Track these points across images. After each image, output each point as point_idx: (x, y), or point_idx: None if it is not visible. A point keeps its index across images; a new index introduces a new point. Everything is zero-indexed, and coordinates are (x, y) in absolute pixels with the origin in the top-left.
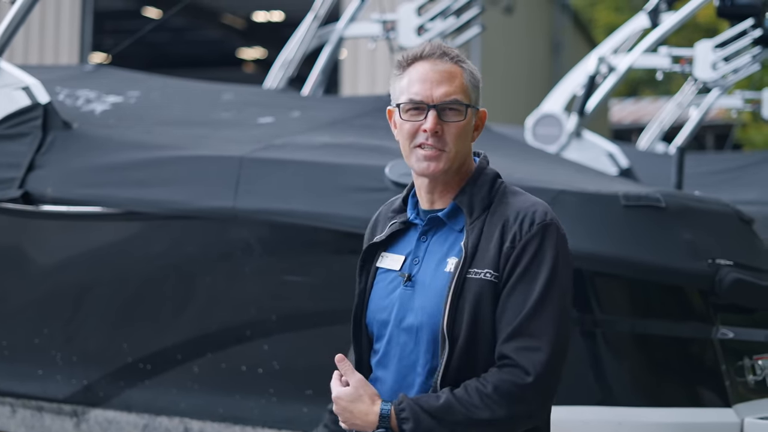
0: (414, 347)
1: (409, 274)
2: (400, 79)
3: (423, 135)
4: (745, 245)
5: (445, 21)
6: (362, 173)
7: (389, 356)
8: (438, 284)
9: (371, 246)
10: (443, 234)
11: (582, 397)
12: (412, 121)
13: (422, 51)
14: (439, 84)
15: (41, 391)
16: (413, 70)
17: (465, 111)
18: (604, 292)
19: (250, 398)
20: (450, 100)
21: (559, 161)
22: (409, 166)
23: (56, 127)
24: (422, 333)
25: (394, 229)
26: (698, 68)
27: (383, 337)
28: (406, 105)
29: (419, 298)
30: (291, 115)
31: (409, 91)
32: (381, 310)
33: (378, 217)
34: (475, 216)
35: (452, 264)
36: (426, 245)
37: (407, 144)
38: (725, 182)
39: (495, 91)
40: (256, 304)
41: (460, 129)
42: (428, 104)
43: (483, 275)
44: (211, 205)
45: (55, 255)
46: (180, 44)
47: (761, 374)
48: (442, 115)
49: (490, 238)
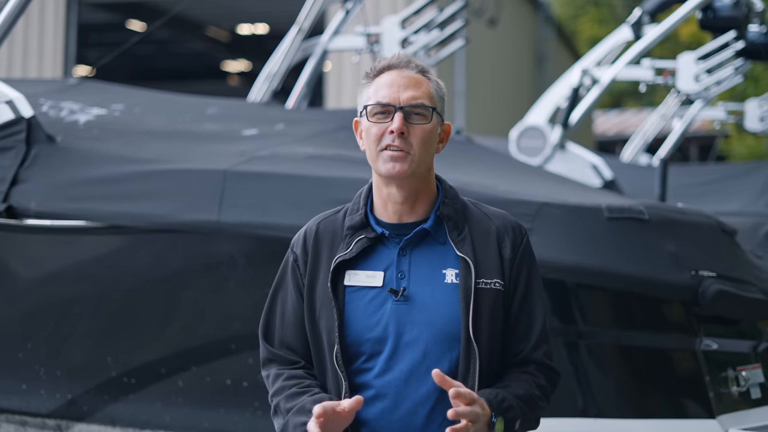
0: (423, 359)
1: (403, 289)
2: (367, 87)
3: (389, 137)
4: (728, 256)
5: (429, 34)
6: (347, 186)
7: (395, 371)
8: (443, 296)
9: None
10: (425, 247)
11: (565, 409)
12: (379, 123)
13: (390, 62)
14: (407, 88)
15: (25, 406)
16: (381, 79)
17: (431, 115)
18: (587, 304)
19: (235, 412)
20: (417, 104)
21: (542, 174)
22: (376, 171)
23: (40, 140)
24: (431, 344)
25: (364, 245)
26: (681, 80)
27: (380, 354)
28: (374, 107)
29: (421, 311)
30: (275, 127)
31: (377, 95)
32: (371, 328)
33: (320, 234)
34: (461, 228)
35: (452, 275)
36: (408, 259)
37: (374, 147)
38: (708, 194)
39: (479, 102)
40: (240, 317)
41: (425, 133)
42: (395, 106)
43: (492, 285)
44: (195, 219)
45: (38, 269)
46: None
47: (745, 385)
48: (409, 118)
49: (485, 249)
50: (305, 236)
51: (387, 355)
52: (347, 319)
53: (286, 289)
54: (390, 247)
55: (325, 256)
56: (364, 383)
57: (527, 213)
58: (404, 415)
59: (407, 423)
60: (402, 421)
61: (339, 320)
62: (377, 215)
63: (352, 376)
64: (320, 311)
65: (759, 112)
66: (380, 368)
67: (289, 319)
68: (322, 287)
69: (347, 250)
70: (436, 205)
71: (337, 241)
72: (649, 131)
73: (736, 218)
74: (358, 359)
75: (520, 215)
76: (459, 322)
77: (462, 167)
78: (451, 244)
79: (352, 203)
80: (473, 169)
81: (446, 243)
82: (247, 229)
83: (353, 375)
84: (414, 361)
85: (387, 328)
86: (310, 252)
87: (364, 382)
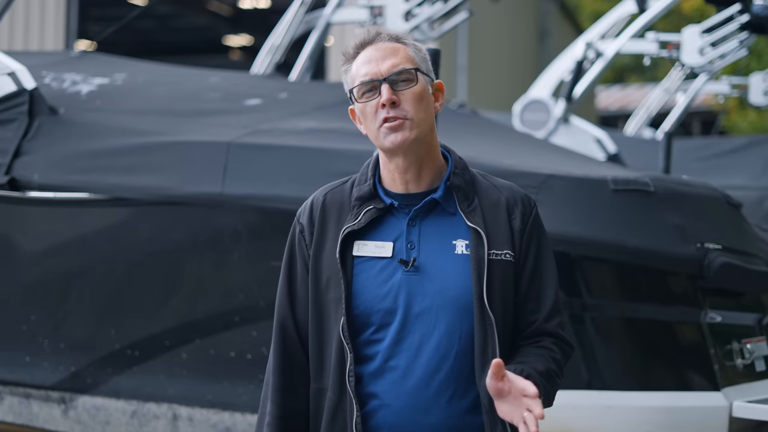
0: (434, 329)
1: (413, 259)
2: (348, 71)
3: (383, 110)
4: (733, 229)
5: (433, 6)
6: (349, 158)
7: (405, 342)
8: (453, 266)
9: (347, 235)
10: (435, 217)
11: (570, 381)
12: (369, 101)
13: (361, 40)
14: (384, 59)
15: (29, 378)
16: (358, 59)
17: (415, 76)
18: (592, 276)
19: (238, 384)
20: (398, 70)
21: (547, 147)
22: (381, 148)
23: (42, 112)
24: (442, 314)
25: (372, 216)
26: (685, 54)
27: (389, 325)
28: (360, 88)
29: (431, 281)
30: (278, 96)
31: (358, 75)
32: (381, 299)
33: (327, 205)
34: (471, 199)
35: (462, 246)
36: (418, 229)
37: (373, 126)
38: (712, 168)
39: (482, 77)
40: (244, 290)
41: (415, 94)
42: (378, 80)
43: (503, 256)
44: (198, 191)
45: (41, 241)
46: (166, 31)
47: (750, 358)
48: (395, 86)
49: (495, 220)
50: (312, 207)
51: (397, 326)
52: (356, 290)
53: (294, 262)
54: (399, 217)
55: (332, 226)
56: (374, 354)
57: (532, 185)
58: (414, 387)
59: (417, 395)
60: (412, 392)
61: (347, 291)
62: (386, 186)
63: (361, 347)
64: (327, 282)
65: (763, 85)
66: (391, 339)
67: (301, 293)
68: (330, 258)
69: (356, 220)
70: (445, 176)
71: (345, 211)
72: (652, 105)
73: (740, 192)
74: (366, 330)
75: (525, 187)
76: (470, 293)
77: (467, 139)
78: (462, 214)
79: (359, 174)
80: (478, 142)
81: (456, 214)
82: (250, 201)
83: (362, 346)
84: (425, 332)
85: (397, 298)
86: (317, 222)
87: (374, 354)
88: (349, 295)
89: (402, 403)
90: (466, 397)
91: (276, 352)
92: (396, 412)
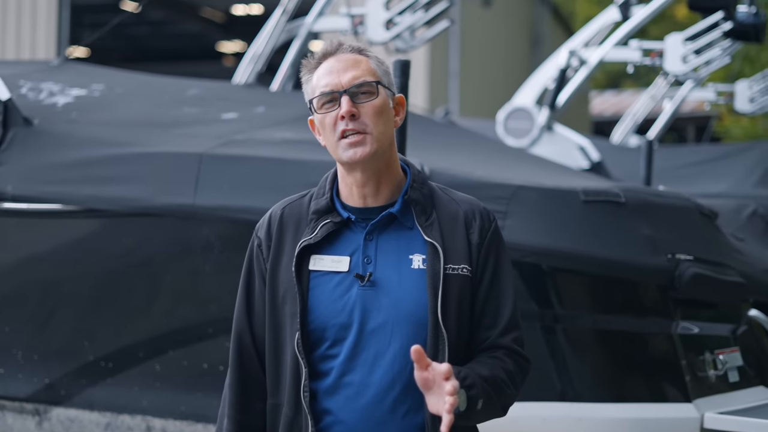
0: (389, 345)
1: (369, 274)
2: (309, 81)
3: (342, 123)
4: (705, 239)
5: (414, 15)
6: (323, 169)
7: (360, 358)
8: (409, 281)
9: (304, 249)
10: (392, 231)
11: (542, 393)
12: (329, 112)
13: (324, 51)
14: (346, 71)
15: (3, 390)
16: (319, 70)
17: (376, 89)
18: (563, 288)
19: (212, 396)
20: (359, 83)
21: (522, 157)
22: (339, 161)
23: (17, 123)
24: (398, 330)
25: (329, 229)
26: (668, 61)
27: (344, 340)
28: (320, 99)
29: (387, 296)
30: (255, 110)
31: (319, 85)
32: (336, 314)
33: (285, 218)
34: (429, 213)
35: (419, 261)
36: (375, 244)
37: (332, 138)
38: (698, 175)
39: (473, 83)
40: (217, 301)
41: (375, 108)
42: (339, 91)
43: (460, 270)
44: (170, 202)
45: (15, 253)
46: (159, 38)
47: (722, 369)
48: (356, 98)
49: (453, 234)
50: (269, 220)
51: (352, 342)
52: (311, 305)
53: (252, 276)
54: (356, 231)
55: (289, 240)
56: (328, 370)
57: (502, 196)
58: (369, 403)
59: (372, 411)
60: (366, 409)
61: (302, 305)
62: (343, 200)
63: (315, 363)
64: (283, 296)
65: (749, 93)
66: (345, 355)
67: (259, 307)
68: (286, 272)
69: (312, 234)
70: (403, 190)
71: (302, 225)
72: (638, 112)
73: (721, 200)
74: (321, 345)
75: (495, 198)
76: (426, 308)
77: (440, 150)
78: (419, 229)
79: (317, 188)
80: (451, 152)
81: (414, 228)
82: (222, 212)
83: (316, 362)
84: (380, 347)
85: (352, 313)
86: (274, 236)
87: (328, 369)
88: (304, 310)
89: (356, 419)
90: (421, 412)
91: (233, 366)
92: (351, 428)
